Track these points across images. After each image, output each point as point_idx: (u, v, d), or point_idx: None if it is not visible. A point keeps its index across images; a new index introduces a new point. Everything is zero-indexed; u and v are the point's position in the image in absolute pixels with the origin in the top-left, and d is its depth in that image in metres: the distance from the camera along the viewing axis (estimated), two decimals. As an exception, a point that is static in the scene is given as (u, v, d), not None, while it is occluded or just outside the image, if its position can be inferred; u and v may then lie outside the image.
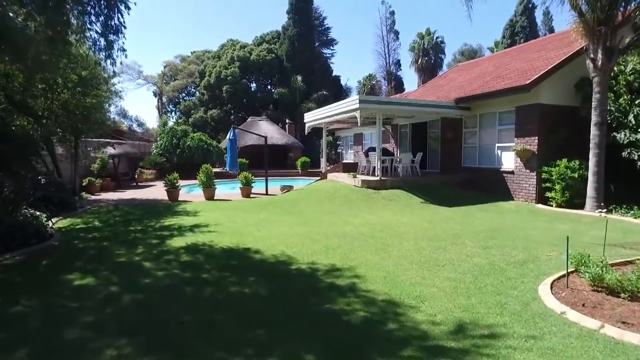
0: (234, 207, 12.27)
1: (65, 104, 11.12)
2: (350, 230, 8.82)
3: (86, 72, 10.83)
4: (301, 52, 37.30)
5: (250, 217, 10.39)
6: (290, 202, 12.87)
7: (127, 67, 47.53)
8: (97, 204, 13.35)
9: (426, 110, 14.28)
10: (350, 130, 28.00)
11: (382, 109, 13.54)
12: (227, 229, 8.94)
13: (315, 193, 13.90)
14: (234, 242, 7.61)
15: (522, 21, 42.22)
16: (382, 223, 9.64)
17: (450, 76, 20.25)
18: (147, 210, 11.88)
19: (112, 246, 7.51)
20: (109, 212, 11.53)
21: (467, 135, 15.24)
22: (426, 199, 12.71)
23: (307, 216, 10.58)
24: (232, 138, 15.96)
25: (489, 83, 14.18)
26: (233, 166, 15.98)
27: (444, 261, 6.39)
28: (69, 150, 13.84)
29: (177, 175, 13.70)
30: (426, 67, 46.72)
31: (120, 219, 10.41)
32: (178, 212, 11.36)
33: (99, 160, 17.75)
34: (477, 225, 9.25)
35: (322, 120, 16.95)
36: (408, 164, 15.22)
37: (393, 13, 44.51)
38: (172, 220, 10.03)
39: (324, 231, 8.67)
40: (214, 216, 10.60)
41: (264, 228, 9.01)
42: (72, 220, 10.21)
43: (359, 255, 6.69)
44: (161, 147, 25.35)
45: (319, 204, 12.36)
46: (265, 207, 12.14)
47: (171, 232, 8.69)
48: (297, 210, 11.55)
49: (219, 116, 38.74)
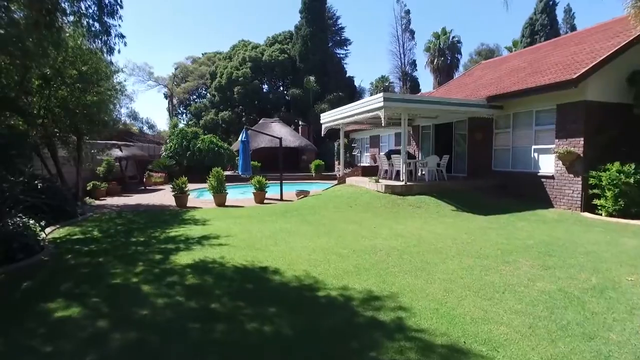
0: (246, 214, 11.24)
1: (64, 102, 10.18)
2: (380, 243, 7.72)
3: (86, 66, 9.90)
4: (314, 52, 36.32)
5: (266, 227, 9.34)
6: (308, 209, 11.80)
7: (138, 69, 47.12)
8: (100, 210, 12.43)
9: (455, 109, 13.13)
10: (366, 132, 26.91)
11: (408, 108, 12.43)
12: (240, 241, 7.90)
13: (335, 199, 12.81)
14: (248, 259, 6.56)
15: (543, 19, 40.71)
16: (414, 235, 8.52)
17: (476, 74, 19.04)
18: (152, 217, 10.92)
19: (109, 262, 6.51)
20: (111, 220, 10.58)
21: (499, 136, 14.03)
22: (457, 206, 11.54)
23: (328, 226, 9.50)
24: (245, 140, 14.97)
25: (525, 79, 12.98)
26: (245, 170, 14.98)
27: (502, 286, 5.27)
28: (71, 152, 12.96)
29: (185, 180, 12.73)
30: (442, 67, 45.39)
31: (122, 228, 9.43)
32: (186, 221, 10.37)
33: (105, 163, 16.89)
34: (523, 239, 8.08)
35: (341, 120, 15.88)
36: (434, 167, 14.06)
37: (408, 12, 43.40)
38: (178, 231, 9.02)
39: (350, 245, 7.59)
40: (225, 225, 9.58)
41: (281, 240, 7.95)
42: (70, 230, 9.27)
43: (398, 278, 5.59)
44: (171, 149, 24.54)
45: (340, 212, 11.26)
46: (282, 215, 11.09)
47: (177, 244, 7.67)
48: (316, 219, 10.48)
49: (230, 118, 37.91)
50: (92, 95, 10.60)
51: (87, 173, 16.46)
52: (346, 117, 15.15)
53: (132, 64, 45.98)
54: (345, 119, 15.37)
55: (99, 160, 17.16)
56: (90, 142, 14.19)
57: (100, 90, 10.88)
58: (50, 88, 9.67)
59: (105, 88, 11.18)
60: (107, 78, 10.94)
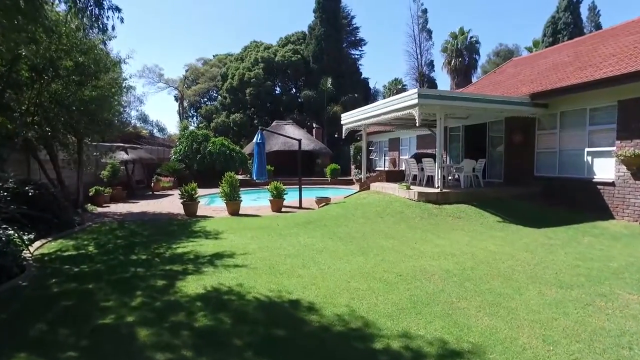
0: (264, 225, 9.92)
1: (58, 97, 8.96)
2: (429, 265, 6.36)
3: (84, 57, 8.69)
4: (328, 52, 35.07)
5: (288, 243, 8.02)
6: (333, 219, 10.46)
7: (148, 70, 46.39)
8: (102, 219, 11.22)
9: (496, 107, 11.70)
10: (385, 134, 25.50)
11: (445, 106, 11.04)
12: (261, 261, 6.58)
13: (362, 208, 11.45)
14: (273, 288, 5.23)
15: (566, 17, 38.95)
16: (466, 253, 7.14)
17: (508, 71, 17.59)
18: (158, 229, 9.66)
19: (100, 291, 5.23)
20: (111, 232, 9.33)
21: (542, 138, 12.57)
22: (503, 217, 10.11)
23: (361, 241, 8.15)
24: (260, 142, 13.70)
25: (574, 74, 11.52)
26: (260, 174, 13.70)
27: (619, 333, 3.89)
28: (71, 155, 11.81)
29: (195, 185, 11.48)
30: (460, 68, 43.83)
31: (122, 242, 8.17)
32: (195, 233, 9.08)
33: (109, 166, 15.71)
34: (602, 259, 6.66)
35: (364, 121, 14.54)
36: (470, 172, 12.64)
37: (425, 11, 41.89)
38: (187, 246, 7.73)
39: (394, 267, 6.24)
40: (241, 240, 8.27)
41: (310, 261, 6.62)
42: (62, 243, 8.03)
43: (471, 319, 4.24)
44: (180, 152, 23.40)
45: (371, 224, 9.90)
46: (304, 226, 9.75)
47: (184, 265, 6.37)
48: (345, 232, 9.13)
49: (242, 120, 36.78)
50: (90, 89, 9.36)
51: (91, 177, 15.34)
52: (371, 117, 13.81)
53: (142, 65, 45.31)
54: (370, 119, 14.03)
55: (103, 163, 16.03)
56: (92, 144, 13.04)
57: (99, 85, 9.63)
58: (42, 81, 8.46)
59: (106, 82, 9.93)
60: (106, 70, 9.68)
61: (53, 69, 8.30)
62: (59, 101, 8.97)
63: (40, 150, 11.52)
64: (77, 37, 8.18)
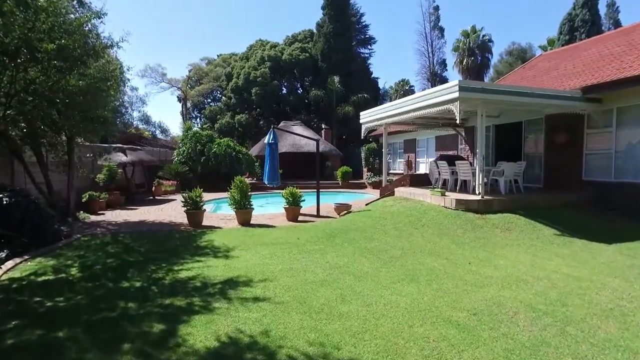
0: (282, 239, 8.45)
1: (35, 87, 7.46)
2: (502, 297, 4.92)
3: (69, 38, 7.23)
4: (337, 50, 33.64)
5: (315, 263, 6.56)
6: (361, 231, 9.00)
7: (151, 69, 45.14)
8: (93, 229, 9.78)
9: (544, 102, 10.19)
10: (400, 135, 24.04)
11: (488, 100, 9.58)
12: (287, 291, 5.14)
13: (391, 217, 9.99)
14: (312, 339, 3.79)
15: (584, 14, 37.39)
16: (539, 277, 5.73)
17: (541, 65, 16.12)
18: (158, 243, 8.21)
19: (73, 343, 3.80)
20: (102, 247, 7.89)
21: (593, 137, 11.11)
22: (559, 229, 8.63)
23: (402, 261, 6.70)
24: (272, 142, 12.27)
25: (635, 63, 10.08)
26: (272, 178, 12.26)
27: None
28: (60, 156, 10.43)
29: (200, 192, 10.04)
30: (472, 68, 42.33)
31: (113, 262, 6.72)
32: (202, 249, 7.63)
33: (106, 169, 14.27)
34: None
35: (387, 120, 13.09)
36: (511, 177, 11.17)
37: (437, 8, 40.50)
38: (192, 268, 6.29)
39: (458, 300, 4.82)
40: (258, 259, 6.82)
41: (350, 291, 5.16)
42: (40, 264, 6.61)
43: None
44: (183, 154, 22.01)
45: (407, 237, 8.44)
46: (328, 240, 8.30)
47: (189, 298, 4.93)
48: (379, 247, 7.67)
49: (247, 121, 35.38)
50: (77, 78, 7.90)
51: (86, 182, 13.95)
52: (395, 115, 12.36)
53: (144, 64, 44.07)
54: (393, 117, 12.58)
55: (100, 166, 14.63)
56: (86, 144, 11.65)
57: (87, 72, 8.16)
58: (15, 66, 7.00)
59: (96, 70, 8.47)
60: (95, 54, 8.19)
61: (29, 51, 6.86)
62: (37, 91, 7.50)
63: (25, 151, 10.14)
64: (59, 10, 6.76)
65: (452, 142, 19.12)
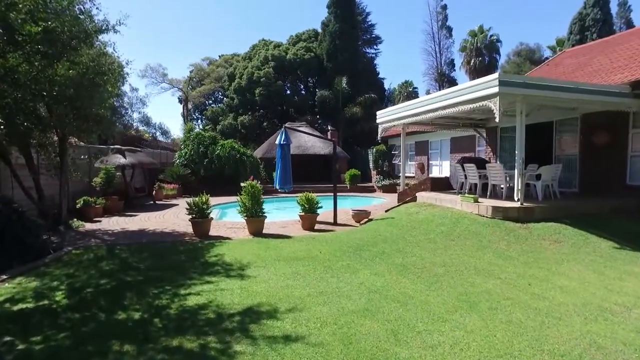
0: (302, 253, 7.38)
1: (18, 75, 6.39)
2: (594, 334, 3.90)
3: (56, 20, 6.18)
4: (343, 50, 32.63)
5: (349, 285, 5.51)
6: (389, 243, 7.96)
7: (151, 69, 44.14)
8: (87, 240, 8.73)
9: (589, 98, 9.16)
10: (411, 137, 22.98)
11: (530, 96, 8.56)
12: (324, 327, 4.10)
13: (419, 226, 8.96)
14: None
15: (595, 13, 36.39)
16: (626, 305, 4.72)
17: (568, 62, 15.11)
18: (160, 258, 7.16)
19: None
20: (95, 263, 6.84)
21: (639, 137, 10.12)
22: (618, 242, 7.59)
23: (450, 280, 5.65)
24: (284, 142, 11.25)
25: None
26: (285, 182, 11.23)
27: None
28: (52, 158, 9.42)
29: (207, 198, 9.00)
30: (480, 69, 41.33)
31: (107, 284, 5.67)
32: (212, 266, 6.57)
33: (103, 172, 13.21)
34: None
35: (408, 119, 12.07)
36: (549, 181, 10.15)
37: (445, 7, 39.55)
38: (201, 292, 5.24)
39: (540, 339, 3.81)
40: (279, 279, 5.77)
41: (400, 324, 4.12)
42: (20, 285, 5.57)
43: None
44: (185, 156, 20.97)
45: (444, 249, 7.40)
46: (356, 254, 7.24)
47: (202, 336, 3.89)
48: (416, 263, 6.63)
49: (250, 123, 34.33)
50: (66, 67, 6.84)
51: (82, 186, 12.92)
52: (418, 114, 11.36)
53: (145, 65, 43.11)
54: (416, 116, 11.57)
55: (97, 169, 13.58)
56: (80, 144, 10.64)
57: (78, 60, 7.07)
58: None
59: (89, 58, 7.39)
60: (87, 39, 7.03)
61: (8, 34, 5.80)
62: (18, 82, 6.43)
63: (12, 152, 9.12)
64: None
65: (470, 144, 18.10)
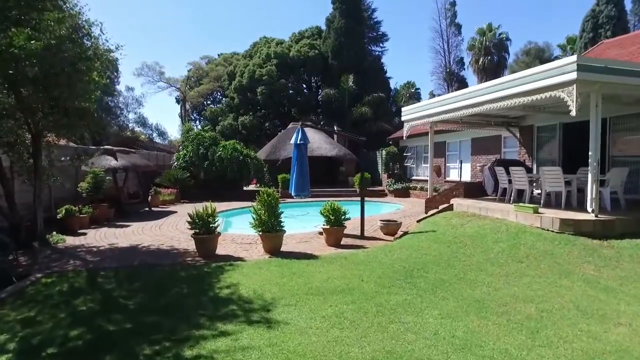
0: (339, 282, 5.71)
1: None
2: None
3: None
4: (349, 47, 31.11)
5: (422, 337, 3.89)
6: (442, 266, 6.35)
7: (148, 68, 42.46)
8: (65, 261, 7.07)
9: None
10: (425, 138, 21.43)
11: (610, 84, 7.01)
12: None
13: (471, 242, 7.37)
14: None
15: (609, 10, 35.06)
16: None
17: (611, 53, 13.63)
18: (155, 289, 5.51)
19: None
20: (69, 299, 5.17)
21: None
22: None
23: (550, 326, 4.05)
24: (302, 142, 9.69)
25: None
26: (302, 189, 9.65)
27: None
28: (24, 160, 7.80)
29: (214, 209, 7.36)
30: (488, 68, 40.05)
31: (79, 337, 4.02)
32: (225, 305, 4.88)
33: (90, 176, 11.50)
34: None
35: (442, 116, 10.52)
36: (617, 187, 8.60)
37: (454, 4, 38.15)
38: (216, 353, 3.60)
39: None
40: (321, 328, 4.11)
41: None
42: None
43: None
44: (184, 158, 19.32)
45: (516, 276, 5.78)
46: (407, 283, 5.62)
47: None
48: (492, 297, 5.01)
49: (252, 123, 32.71)
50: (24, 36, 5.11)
51: (67, 192, 11.25)
52: (452, 111, 9.80)
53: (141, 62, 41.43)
54: (450, 112, 10.01)
55: (85, 172, 11.92)
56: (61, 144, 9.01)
57: (45, 26, 5.36)
58: None
59: (59, 25, 5.69)
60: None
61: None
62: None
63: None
64: None
65: (494, 145, 16.55)
